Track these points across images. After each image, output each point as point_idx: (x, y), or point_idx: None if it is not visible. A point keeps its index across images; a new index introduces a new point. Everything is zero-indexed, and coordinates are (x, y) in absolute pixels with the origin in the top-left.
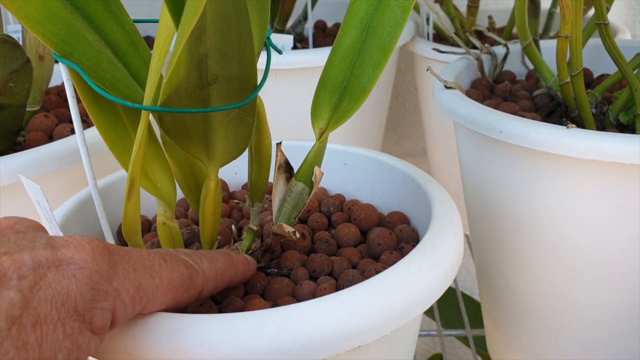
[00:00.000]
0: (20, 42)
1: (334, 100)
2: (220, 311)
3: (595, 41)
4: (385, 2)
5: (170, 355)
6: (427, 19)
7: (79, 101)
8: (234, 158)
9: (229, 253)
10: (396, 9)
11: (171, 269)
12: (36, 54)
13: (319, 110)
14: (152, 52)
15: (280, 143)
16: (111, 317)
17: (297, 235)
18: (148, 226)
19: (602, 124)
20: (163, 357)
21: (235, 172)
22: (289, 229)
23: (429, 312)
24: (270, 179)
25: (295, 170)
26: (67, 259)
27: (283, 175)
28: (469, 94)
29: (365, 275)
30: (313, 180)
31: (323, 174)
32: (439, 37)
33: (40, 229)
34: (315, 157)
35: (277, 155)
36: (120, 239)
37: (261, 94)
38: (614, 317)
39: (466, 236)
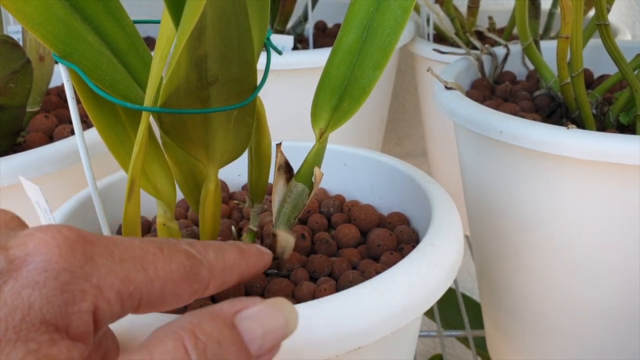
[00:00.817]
0: (21, 43)
1: (334, 101)
2: None
3: (595, 42)
4: (386, 3)
5: None
6: (428, 20)
7: (78, 102)
8: (234, 159)
9: (238, 244)
10: (396, 9)
11: (168, 259)
12: (36, 55)
13: (319, 111)
14: (152, 53)
15: (280, 144)
16: (92, 319)
17: (294, 240)
18: (148, 227)
19: (602, 125)
20: None
21: (239, 174)
22: (288, 240)
23: (429, 313)
24: (270, 180)
25: (295, 171)
26: (25, 263)
27: (283, 176)
28: (469, 94)
29: (365, 276)
30: (313, 181)
31: (323, 174)
32: (440, 37)
33: (12, 224)
34: (315, 157)
35: (277, 156)
36: None
37: (261, 94)
38: (614, 318)
39: (466, 237)
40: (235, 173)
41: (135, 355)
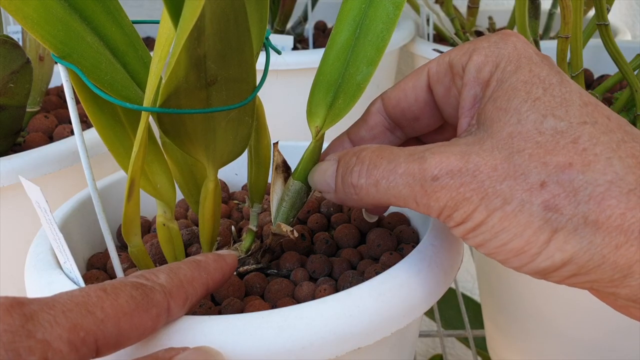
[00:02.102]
0: (20, 43)
1: (329, 99)
2: (220, 312)
3: (595, 42)
4: None
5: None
6: (428, 20)
7: (78, 102)
8: (234, 159)
9: (194, 258)
10: (389, 5)
11: (114, 296)
12: (36, 55)
13: (314, 109)
14: (151, 53)
15: (277, 143)
16: None
17: (295, 234)
18: (148, 227)
19: None
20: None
21: (236, 174)
22: (286, 228)
23: (430, 313)
24: (269, 180)
25: (292, 170)
26: None
27: (281, 175)
28: None
29: (365, 277)
30: None
31: None
32: (439, 37)
33: None
34: (312, 155)
35: (274, 156)
36: (120, 240)
37: (260, 94)
38: (614, 318)
39: None
40: (234, 173)
41: None
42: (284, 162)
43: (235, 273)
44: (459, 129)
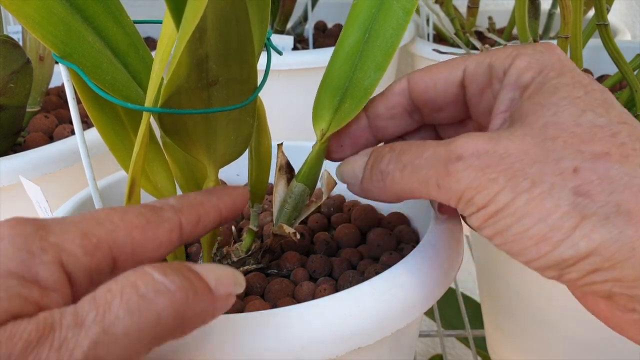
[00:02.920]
0: (21, 43)
1: (336, 102)
2: None
3: (595, 42)
4: (388, 4)
5: (170, 357)
6: (427, 20)
7: (79, 102)
8: (234, 159)
9: (202, 190)
10: (398, 10)
11: (122, 212)
12: (36, 55)
13: (320, 112)
14: (153, 53)
15: (282, 144)
16: (62, 270)
17: (298, 236)
18: None
19: None
20: (163, 358)
21: (238, 174)
22: (289, 229)
23: (429, 313)
24: (271, 180)
25: (296, 172)
26: None
27: (284, 177)
28: None
29: (365, 276)
30: (321, 184)
31: (336, 184)
32: (439, 38)
33: None
34: (317, 158)
35: (278, 157)
36: None
37: (261, 94)
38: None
39: (466, 237)
40: (234, 173)
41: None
42: (288, 164)
43: None
44: (490, 128)
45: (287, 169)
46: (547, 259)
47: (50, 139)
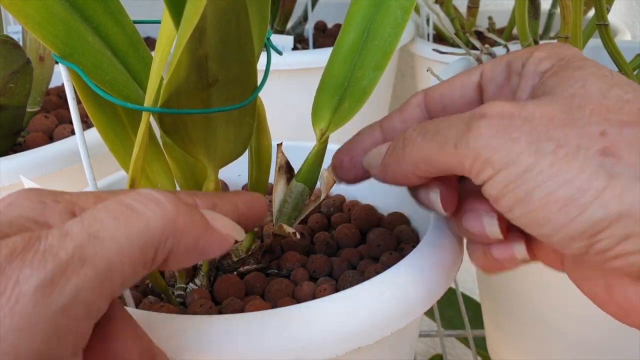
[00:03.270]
0: (21, 43)
1: (335, 102)
2: (220, 312)
3: (595, 42)
4: (386, 3)
5: (170, 357)
6: (427, 20)
7: (79, 102)
8: (234, 159)
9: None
10: (397, 9)
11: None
12: (36, 55)
13: (319, 112)
14: (152, 53)
15: (281, 144)
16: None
17: (298, 236)
18: None
19: None
20: None
21: (239, 174)
22: (289, 229)
23: (430, 313)
24: (270, 180)
25: (295, 172)
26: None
27: (283, 176)
28: None
29: (365, 276)
30: (320, 183)
31: (335, 182)
32: (439, 37)
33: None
34: (316, 158)
35: (277, 157)
36: None
37: (261, 94)
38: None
39: None
40: (235, 173)
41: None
42: (287, 163)
43: (235, 273)
44: None
45: (287, 169)
46: (575, 224)
47: (50, 139)
